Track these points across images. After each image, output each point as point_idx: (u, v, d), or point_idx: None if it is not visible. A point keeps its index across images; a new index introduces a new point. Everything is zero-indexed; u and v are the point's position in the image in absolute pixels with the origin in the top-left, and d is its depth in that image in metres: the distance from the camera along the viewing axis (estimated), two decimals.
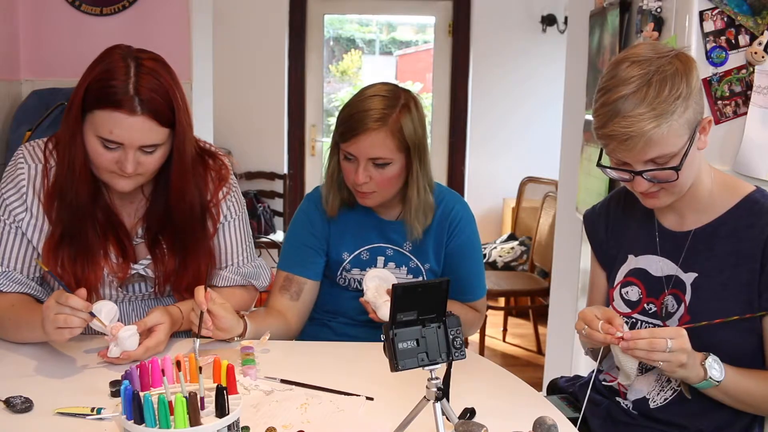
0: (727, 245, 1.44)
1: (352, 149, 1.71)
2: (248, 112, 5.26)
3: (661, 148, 1.33)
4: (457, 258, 1.86)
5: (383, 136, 1.69)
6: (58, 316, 1.41)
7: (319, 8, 5.44)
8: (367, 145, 1.70)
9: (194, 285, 1.67)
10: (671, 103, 1.30)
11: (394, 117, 1.70)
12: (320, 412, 1.33)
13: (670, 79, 1.31)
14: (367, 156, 1.71)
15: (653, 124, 1.30)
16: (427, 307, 1.15)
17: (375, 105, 1.70)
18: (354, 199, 1.82)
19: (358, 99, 1.75)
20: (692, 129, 1.35)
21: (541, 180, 4.94)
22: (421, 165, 1.76)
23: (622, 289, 1.57)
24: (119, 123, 1.48)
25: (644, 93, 1.30)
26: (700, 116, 1.37)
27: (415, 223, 1.79)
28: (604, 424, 1.56)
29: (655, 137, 1.31)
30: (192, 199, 1.65)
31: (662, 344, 1.29)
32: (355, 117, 1.70)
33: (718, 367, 1.36)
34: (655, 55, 1.35)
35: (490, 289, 4.03)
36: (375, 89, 1.76)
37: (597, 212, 1.69)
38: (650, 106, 1.30)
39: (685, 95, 1.32)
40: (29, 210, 1.61)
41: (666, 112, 1.30)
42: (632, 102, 1.31)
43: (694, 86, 1.34)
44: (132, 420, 1.08)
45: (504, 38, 5.30)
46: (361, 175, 1.72)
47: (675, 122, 1.31)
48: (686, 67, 1.34)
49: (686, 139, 1.35)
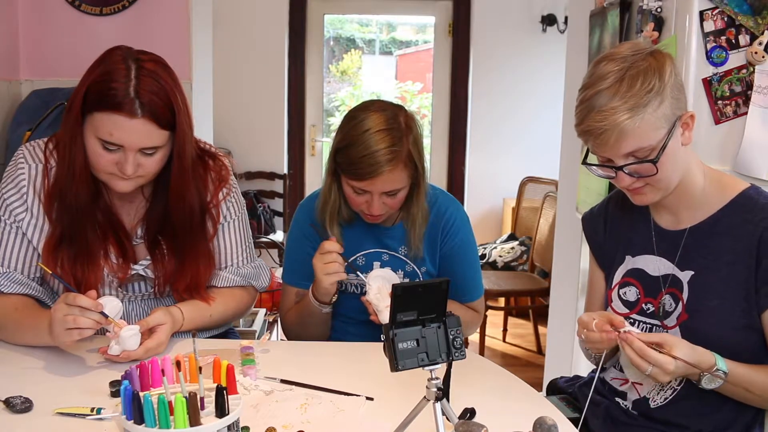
0: (723, 242, 1.45)
1: (366, 187, 1.70)
2: (248, 112, 5.26)
3: (636, 141, 1.36)
4: (453, 260, 1.86)
5: (398, 172, 1.68)
6: (68, 317, 1.41)
7: (319, 8, 5.44)
8: (383, 183, 1.68)
9: (193, 286, 1.68)
10: (643, 96, 1.34)
11: (404, 150, 1.68)
12: (320, 412, 1.33)
13: (643, 74, 1.35)
14: (381, 191, 1.70)
15: (625, 116, 1.34)
16: (427, 307, 1.15)
17: (383, 144, 1.65)
18: (354, 216, 1.82)
19: (360, 136, 1.67)
20: (671, 123, 1.38)
21: (541, 180, 4.94)
22: (423, 180, 1.77)
23: (620, 290, 1.57)
24: (119, 125, 1.48)
25: (617, 88, 1.35)
26: (679, 111, 1.39)
27: (416, 239, 1.80)
28: (604, 424, 1.56)
29: (627, 129, 1.34)
30: (192, 201, 1.65)
31: (644, 365, 1.32)
32: (367, 159, 1.65)
33: (717, 382, 1.36)
34: (631, 53, 1.39)
35: (490, 289, 4.04)
36: (374, 121, 1.68)
37: (595, 214, 1.69)
38: (622, 99, 1.34)
39: (658, 89, 1.35)
40: (29, 210, 1.61)
41: (638, 105, 1.34)
42: (606, 96, 1.35)
43: (668, 81, 1.36)
44: (132, 420, 1.08)
45: (504, 38, 5.29)
46: (378, 208, 1.72)
47: (649, 115, 1.34)
48: (659, 63, 1.37)
49: (664, 133, 1.37)
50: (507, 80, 5.32)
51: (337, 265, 1.70)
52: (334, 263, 1.70)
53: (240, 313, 1.85)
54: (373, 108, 1.72)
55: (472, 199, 5.40)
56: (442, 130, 5.50)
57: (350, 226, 1.84)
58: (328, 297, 1.77)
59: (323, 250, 1.72)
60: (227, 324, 1.84)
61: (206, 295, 1.71)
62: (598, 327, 1.36)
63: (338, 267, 1.70)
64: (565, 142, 3.11)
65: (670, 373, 1.32)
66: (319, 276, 1.72)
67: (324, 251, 1.71)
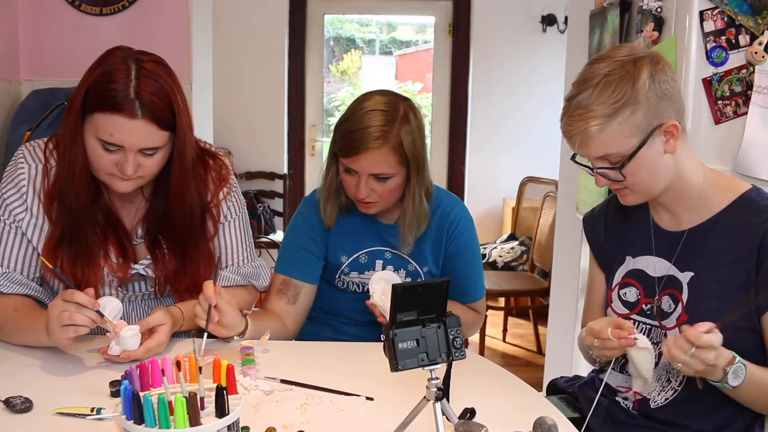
0: (723, 243, 1.45)
1: (353, 165, 1.71)
2: (248, 112, 5.26)
3: (603, 148, 1.39)
4: (456, 260, 1.86)
5: (384, 154, 1.68)
6: (63, 313, 1.41)
7: (319, 8, 5.44)
8: (369, 162, 1.69)
9: (193, 286, 1.67)
10: (610, 106, 1.35)
11: (394, 133, 1.68)
12: (320, 412, 1.33)
13: (616, 82, 1.36)
14: (368, 172, 1.70)
15: (593, 123, 1.36)
16: (427, 307, 1.15)
17: (375, 122, 1.68)
18: (353, 205, 1.82)
19: (356, 113, 1.71)
20: (645, 132, 1.37)
21: (541, 180, 4.94)
22: (419, 176, 1.75)
23: (621, 291, 1.57)
24: (119, 126, 1.48)
25: (588, 94, 1.37)
26: (658, 120, 1.38)
27: (408, 235, 1.80)
28: (604, 424, 1.56)
29: (592, 136, 1.37)
30: (192, 201, 1.65)
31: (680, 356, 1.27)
32: (356, 134, 1.68)
33: (741, 373, 1.32)
34: (623, 56, 1.39)
35: (490, 289, 4.03)
36: (373, 102, 1.72)
37: (596, 215, 1.69)
38: (588, 108, 1.37)
39: (628, 99, 1.35)
40: (29, 210, 1.61)
41: (602, 115, 1.36)
42: (584, 98, 1.38)
43: (642, 90, 1.35)
44: (132, 420, 1.08)
45: (504, 38, 5.30)
46: (363, 189, 1.72)
47: (618, 124, 1.36)
48: (637, 71, 1.36)
49: (636, 142, 1.37)
50: (507, 80, 5.32)
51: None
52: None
53: None
54: (379, 93, 1.76)
55: (472, 199, 5.40)
56: (442, 130, 5.50)
57: (355, 223, 1.84)
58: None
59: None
60: None
61: None
62: (615, 335, 1.36)
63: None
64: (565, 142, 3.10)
65: (711, 360, 1.28)
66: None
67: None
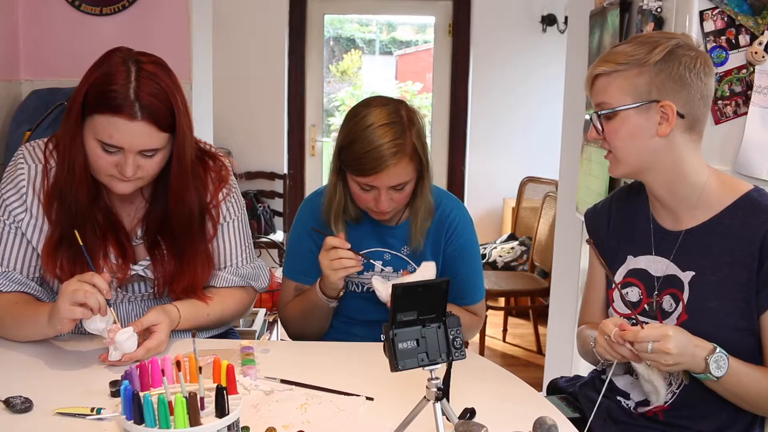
0: (724, 243, 1.44)
1: (372, 183, 1.70)
2: (248, 112, 5.26)
3: (602, 94, 1.46)
4: (456, 261, 1.86)
5: (404, 165, 1.68)
6: (77, 291, 1.42)
7: (319, 8, 5.44)
8: (389, 177, 1.68)
9: (191, 288, 1.67)
10: (623, 58, 1.42)
11: (407, 142, 1.68)
12: (320, 412, 1.33)
13: (641, 44, 1.43)
14: (388, 185, 1.70)
15: (600, 67, 1.45)
16: (427, 307, 1.15)
17: (386, 137, 1.66)
18: (362, 215, 1.83)
19: (363, 132, 1.67)
20: (640, 99, 1.42)
21: (541, 180, 4.94)
22: (428, 171, 1.77)
23: (622, 290, 1.57)
24: (119, 128, 1.48)
25: (618, 46, 1.47)
26: (659, 96, 1.41)
27: (418, 234, 1.81)
28: (604, 424, 1.56)
29: (595, 78, 1.47)
30: (191, 202, 1.65)
31: (643, 346, 1.31)
32: (371, 154, 1.66)
33: (723, 364, 1.34)
34: (669, 35, 1.47)
35: (490, 289, 4.03)
36: (376, 116, 1.69)
37: (598, 211, 1.69)
38: (609, 53, 1.46)
39: (640, 60, 1.41)
40: (29, 210, 1.61)
41: (614, 62, 1.43)
42: (609, 50, 1.48)
43: (655, 59, 1.40)
44: (132, 420, 1.08)
45: (504, 38, 5.30)
46: (386, 203, 1.72)
47: (622, 79, 1.43)
48: (663, 44, 1.42)
49: (627, 101, 1.42)
50: (507, 80, 5.32)
51: (343, 261, 1.70)
52: (340, 259, 1.70)
53: (239, 313, 1.85)
54: (374, 104, 1.73)
55: (472, 199, 5.40)
56: (442, 130, 5.50)
57: (355, 224, 1.84)
58: (336, 291, 1.78)
59: (327, 247, 1.72)
60: (227, 324, 1.84)
61: (203, 296, 1.71)
62: (617, 338, 1.36)
63: (344, 263, 1.70)
64: (565, 142, 3.11)
65: (671, 352, 1.30)
66: (326, 272, 1.72)
67: (328, 247, 1.72)
